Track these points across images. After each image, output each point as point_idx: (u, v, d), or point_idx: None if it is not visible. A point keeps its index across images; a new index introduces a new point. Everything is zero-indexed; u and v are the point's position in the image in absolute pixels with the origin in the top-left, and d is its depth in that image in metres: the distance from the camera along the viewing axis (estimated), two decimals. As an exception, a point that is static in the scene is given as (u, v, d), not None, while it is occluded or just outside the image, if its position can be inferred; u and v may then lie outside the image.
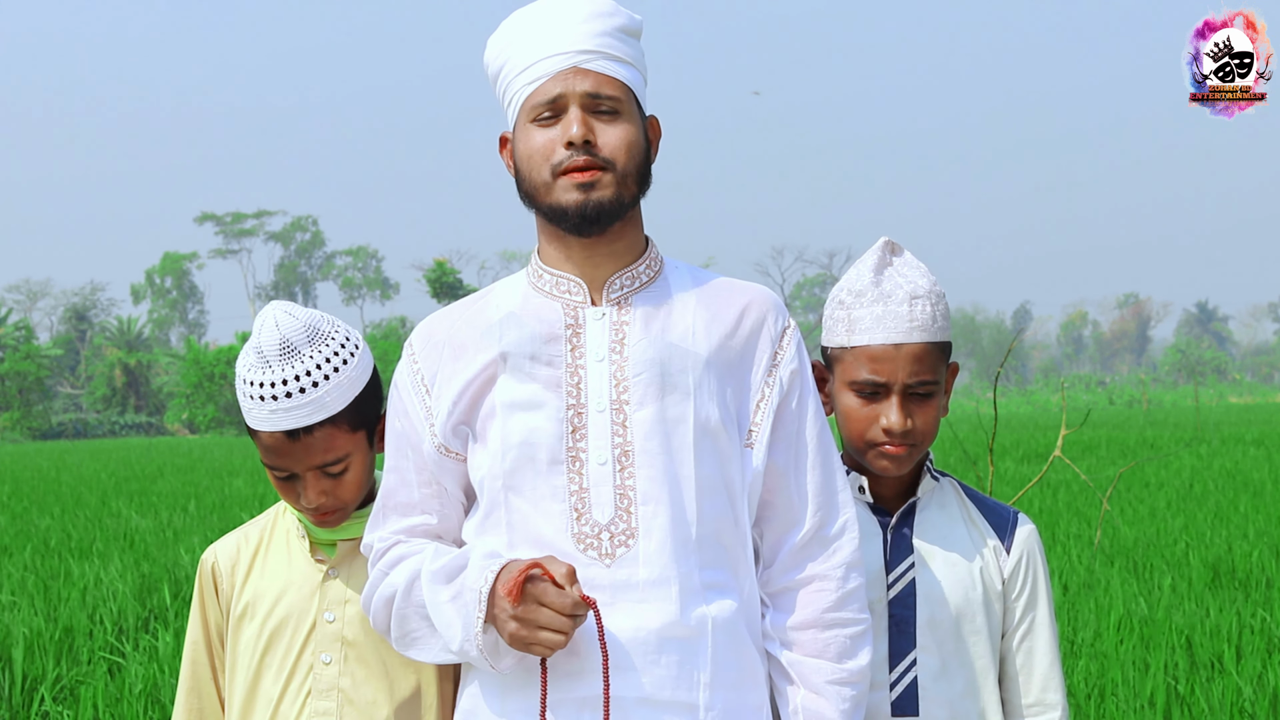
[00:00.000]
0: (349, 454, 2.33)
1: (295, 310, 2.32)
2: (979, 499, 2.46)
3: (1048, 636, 2.39)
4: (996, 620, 2.37)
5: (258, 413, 2.28)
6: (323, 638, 2.36)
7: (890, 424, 2.30)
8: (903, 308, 2.32)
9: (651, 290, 2.19)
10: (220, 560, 2.46)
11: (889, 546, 2.35)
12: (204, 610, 2.47)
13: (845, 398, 2.35)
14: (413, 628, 2.12)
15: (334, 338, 2.32)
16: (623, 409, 2.11)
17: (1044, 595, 2.40)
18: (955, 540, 2.38)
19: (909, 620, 2.32)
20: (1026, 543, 2.40)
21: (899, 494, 2.40)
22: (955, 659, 2.32)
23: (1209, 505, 12.52)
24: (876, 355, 2.31)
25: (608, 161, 2.09)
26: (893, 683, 2.30)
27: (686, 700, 2.06)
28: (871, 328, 2.32)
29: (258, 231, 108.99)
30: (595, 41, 2.11)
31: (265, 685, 2.37)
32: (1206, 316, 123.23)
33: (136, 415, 68.09)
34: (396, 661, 2.35)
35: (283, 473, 2.33)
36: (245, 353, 2.31)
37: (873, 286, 2.34)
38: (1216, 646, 6.44)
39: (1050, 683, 2.38)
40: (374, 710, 2.33)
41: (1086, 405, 58.02)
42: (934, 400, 2.34)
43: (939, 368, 2.35)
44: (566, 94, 2.09)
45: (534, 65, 2.11)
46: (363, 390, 2.33)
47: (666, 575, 2.06)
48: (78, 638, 7.40)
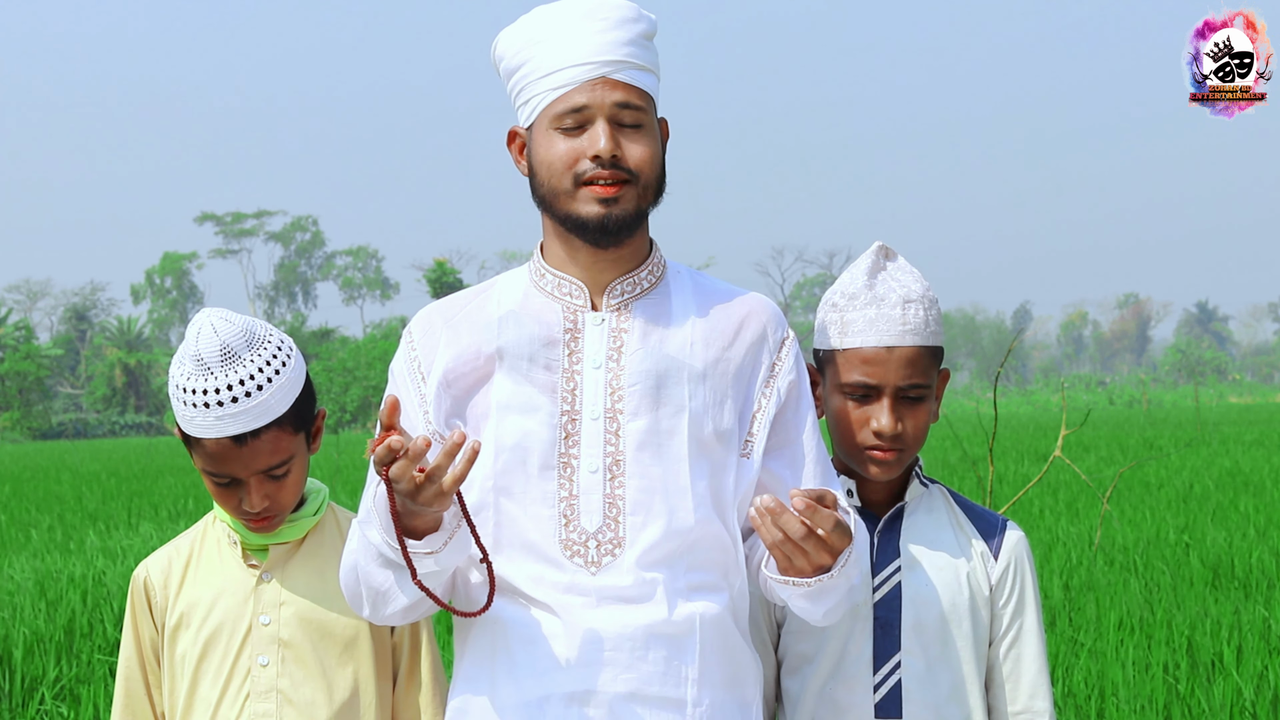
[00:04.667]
0: (292, 456, 2.34)
1: (230, 316, 2.32)
2: (967, 505, 2.46)
3: (1035, 643, 2.38)
4: (983, 626, 2.37)
5: (201, 420, 2.27)
6: (259, 640, 2.38)
7: (881, 426, 2.29)
8: (895, 311, 2.32)
9: (652, 297, 2.19)
10: (152, 574, 2.47)
11: (875, 550, 2.35)
12: (136, 626, 2.48)
13: (836, 401, 2.35)
14: (377, 581, 2.05)
15: (270, 341, 2.32)
16: (616, 418, 2.11)
17: (1032, 602, 2.39)
18: (943, 545, 2.38)
19: (894, 623, 2.32)
20: (1015, 549, 2.40)
21: (887, 499, 2.40)
22: (941, 662, 2.32)
23: (1209, 505, 12.51)
24: (869, 358, 2.31)
25: (632, 174, 2.09)
26: (877, 684, 2.31)
27: (674, 696, 2.06)
28: (864, 330, 2.32)
29: (258, 231, 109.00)
30: (623, 51, 2.10)
31: (203, 690, 2.39)
32: (1206, 316, 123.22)
33: (136, 415, 68.11)
34: (334, 662, 2.38)
35: (225, 479, 2.33)
36: (180, 361, 2.30)
37: (866, 290, 2.34)
38: (1217, 646, 6.44)
39: (1038, 690, 2.37)
40: (313, 710, 2.36)
41: (1086, 405, 58.00)
42: (924, 404, 2.34)
43: (930, 372, 2.35)
44: (594, 105, 2.08)
45: (559, 72, 2.09)
46: (301, 391, 2.35)
47: (652, 583, 2.06)
48: (78, 638, 7.40)
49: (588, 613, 2.04)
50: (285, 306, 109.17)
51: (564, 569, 2.06)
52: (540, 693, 2.05)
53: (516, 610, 2.08)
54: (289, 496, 2.38)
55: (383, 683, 2.42)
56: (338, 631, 2.40)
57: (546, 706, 2.05)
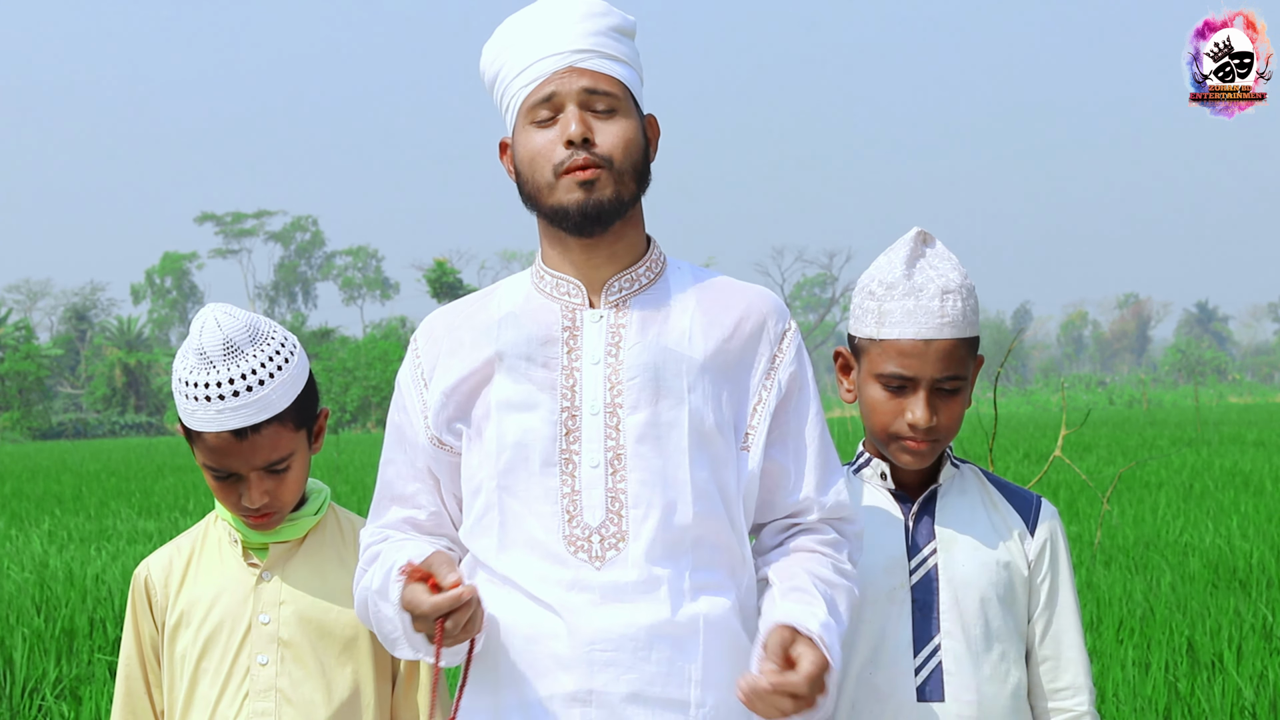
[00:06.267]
0: (293, 452, 2.35)
1: (234, 311, 2.33)
2: (1001, 484, 2.45)
3: (1073, 620, 2.38)
4: (1021, 604, 2.37)
5: (202, 414, 2.29)
6: (258, 639, 2.39)
7: (916, 419, 2.29)
8: (934, 303, 2.30)
9: (651, 293, 2.19)
10: (153, 573, 2.48)
11: (911, 533, 2.35)
12: (137, 625, 2.49)
13: (871, 389, 2.34)
14: (387, 630, 2.11)
15: (274, 337, 2.34)
16: (616, 412, 2.11)
17: (1067, 579, 2.39)
18: (978, 525, 2.37)
19: (931, 605, 2.31)
20: (1050, 526, 2.40)
21: (920, 481, 2.40)
22: (981, 644, 2.32)
23: (1209, 505, 12.51)
24: (906, 350, 2.29)
25: (605, 159, 2.09)
26: (917, 668, 2.30)
27: (677, 697, 2.06)
28: (902, 322, 2.30)
29: (258, 231, 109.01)
30: (590, 41, 2.12)
31: (203, 689, 2.39)
32: (1206, 316, 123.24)
33: (136, 415, 68.12)
34: (334, 661, 2.39)
35: (225, 474, 2.34)
36: (184, 355, 2.31)
37: (904, 279, 2.32)
38: (1216, 646, 6.44)
39: (1078, 665, 2.38)
40: (312, 709, 2.37)
41: (1086, 405, 58.03)
42: (960, 395, 2.34)
43: (967, 363, 2.34)
44: (562, 92, 2.10)
45: (530, 67, 2.12)
46: (303, 389, 2.36)
47: (656, 578, 2.06)
48: (78, 638, 7.40)
49: (591, 611, 2.04)
50: (285, 306, 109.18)
51: (568, 565, 2.06)
52: (542, 693, 2.05)
53: (519, 610, 2.08)
54: (289, 494, 2.38)
55: (382, 682, 2.43)
56: (337, 631, 2.40)
57: (549, 707, 2.05)
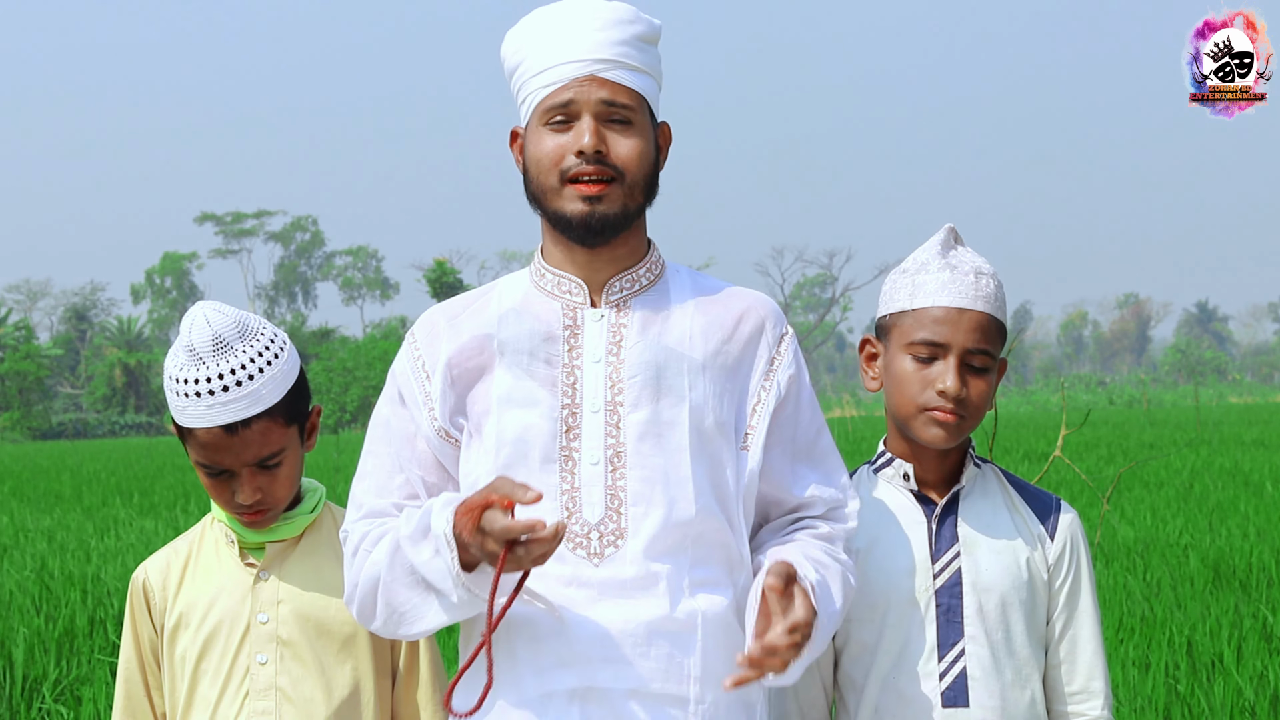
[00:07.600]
0: (284, 448, 2.36)
1: (223, 308, 2.35)
2: (1020, 485, 2.45)
3: (1091, 624, 2.38)
4: (1042, 608, 2.37)
5: (193, 410, 2.30)
6: (257, 639, 2.39)
7: (946, 387, 2.29)
8: (969, 278, 2.34)
9: (651, 294, 2.20)
10: (151, 576, 2.48)
11: (934, 536, 2.35)
12: (135, 628, 2.49)
13: (900, 362, 2.35)
14: (400, 600, 2.06)
15: (263, 334, 2.35)
16: (616, 410, 2.12)
17: (1087, 582, 2.39)
18: (1000, 528, 2.37)
19: (956, 609, 2.31)
20: (1070, 529, 2.40)
21: (942, 482, 2.39)
22: (1004, 648, 2.31)
23: (1209, 505, 12.51)
24: (939, 318, 2.32)
25: (618, 171, 2.10)
26: (942, 673, 2.29)
27: (676, 693, 2.06)
28: (936, 292, 2.33)
29: (258, 231, 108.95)
30: (613, 50, 2.12)
31: (203, 689, 2.40)
32: (1206, 316, 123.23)
33: (136, 415, 68.11)
34: (333, 659, 2.39)
35: (217, 470, 2.35)
36: (175, 353, 2.33)
37: (939, 258, 2.37)
38: (1216, 646, 6.44)
39: (1095, 670, 2.38)
40: (312, 708, 2.37)
41: (1086, 405, 58.01)
42: (987, 378, 2.34)
43: (997, 344, 2.36)
44: (580, 102, 2.10)
45: (550, 69, 2.12)
46: (294, 385, 2.37)
47: (654, 574, 2.07)
48: (78, 638, 7.40)
49: (590, 607, 2.05)
50: (285, 306, 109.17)
51: (566, 561, 2.07)
52: (542, 690, 2.06)
53: (519, 608, 2.07)
54: (281, 490, 2.38)
55: (381, 680, 2.43)
56: (336, 629, 2.40)
57: (549, 704, 2.05)
